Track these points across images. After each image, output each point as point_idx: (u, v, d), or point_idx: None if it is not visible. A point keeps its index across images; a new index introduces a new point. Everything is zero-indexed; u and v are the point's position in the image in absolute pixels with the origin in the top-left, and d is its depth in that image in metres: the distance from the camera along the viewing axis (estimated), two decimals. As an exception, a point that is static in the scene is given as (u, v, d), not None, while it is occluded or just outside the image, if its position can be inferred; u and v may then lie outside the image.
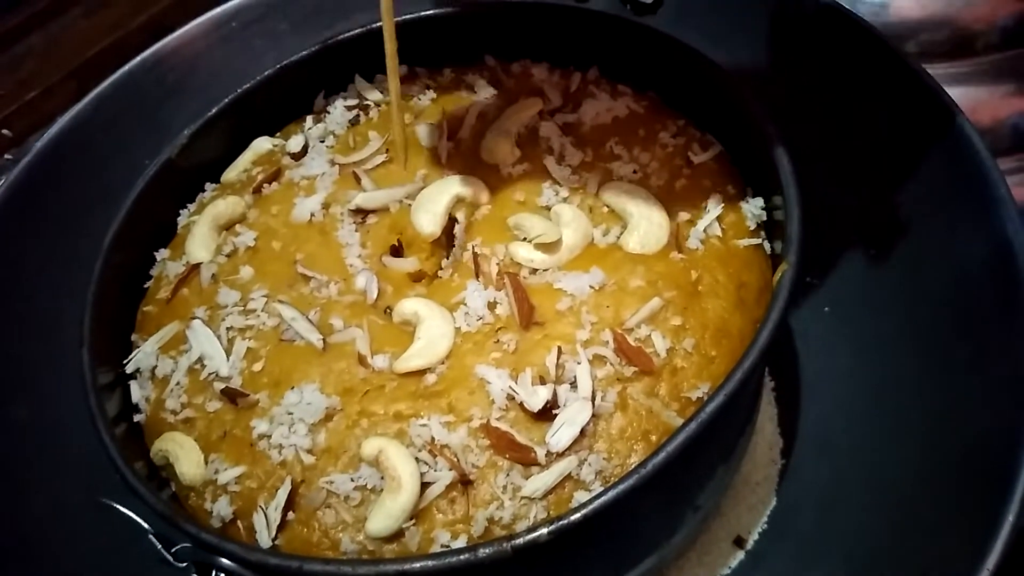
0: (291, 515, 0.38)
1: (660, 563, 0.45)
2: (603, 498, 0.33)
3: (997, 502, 0.37)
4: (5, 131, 0.70)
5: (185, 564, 0.37)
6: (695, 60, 0.47)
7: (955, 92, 0.60)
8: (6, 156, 0.71)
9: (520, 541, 0.33)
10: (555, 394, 0.38)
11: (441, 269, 0.45)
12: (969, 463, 0.42)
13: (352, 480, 0.37)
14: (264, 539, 0.37)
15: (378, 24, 0.53)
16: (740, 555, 0.49)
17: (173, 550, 0.37)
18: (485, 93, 0.51)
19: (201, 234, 0.47)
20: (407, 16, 0.53)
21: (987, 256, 0.45)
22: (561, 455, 0.37)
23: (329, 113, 0.52)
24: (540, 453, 0.37)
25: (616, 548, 0.42)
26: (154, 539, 0.38)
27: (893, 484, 0.46)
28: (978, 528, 0.37)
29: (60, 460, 0.48)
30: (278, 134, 0.53)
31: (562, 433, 0.37)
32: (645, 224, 0.43)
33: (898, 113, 0.51)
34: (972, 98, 0.62)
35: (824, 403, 0.52)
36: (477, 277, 0.43)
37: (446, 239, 0.46)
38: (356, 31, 0.53)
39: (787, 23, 0.56)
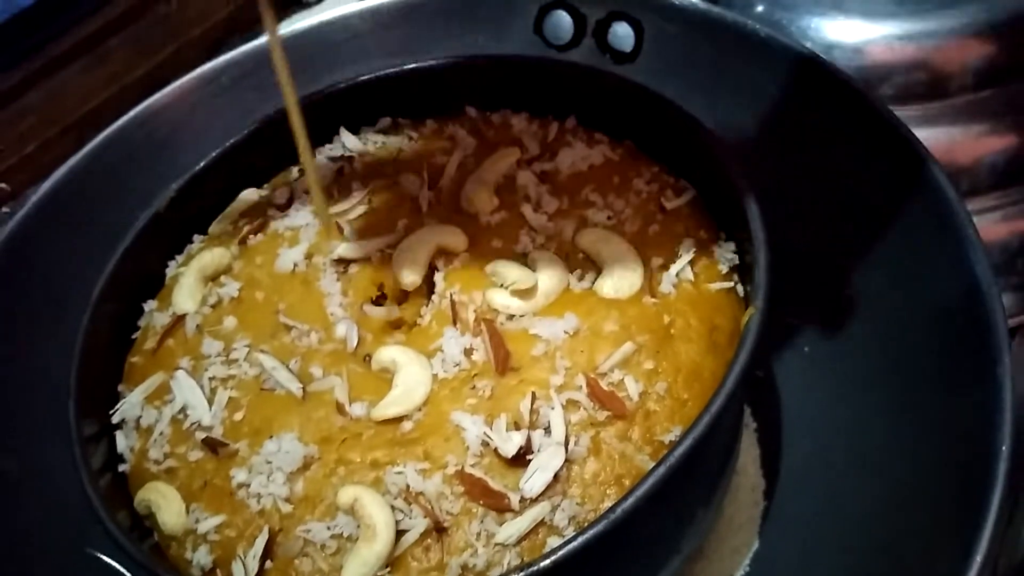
0: (269, 564, 0.38)
1: (642, 607, 0.45)
2: (572, 544, 0.34)
3: (970, 538, 0.37)
4: (3, 185, 0.72)
5: (166, 613, 0.37)
6: (668, 110, 0.49)
7: (932, 132, 0.62)
8: (4, 209, 0.72)
9: (489, 589, 0.33)
10: (529, 439, 0.38)
11: (420, 316, 0.45)
12: (946, 498, 0.42)
13: (328, 528, 0.38)
14: (243, 588, 0.38)
15: (365, 77, 0.56)
16: (723, 598, 0.49)
17: (154, 600, 0.38)
18: (465, 144, 0.52)
19: (188, 285, 0.48)
20: (389, 70, 0.55)
21: (958, 295, 0.46)
22: (535, 501, 0.37)
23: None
24: (514, 499, 0.37)
25: (595, 592, 0.42)
26: (136, 589, 0.38)
27: (874, 524, 0.46)
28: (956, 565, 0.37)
29: (49, 511, 0.49)
30: (265, 185, 0.54)
31: (536, 479, 0.37)
32: (619, 269, 0.44)
33: (871, 158, 0.52)
34: (949, 138, 0.63)
35: (805, 443, 0.52)
36: (455, 324, 0.43)
37: (426, 287, 0.46)
38: (341, 85, 0.55)
39: (763, 72, 0.57)
